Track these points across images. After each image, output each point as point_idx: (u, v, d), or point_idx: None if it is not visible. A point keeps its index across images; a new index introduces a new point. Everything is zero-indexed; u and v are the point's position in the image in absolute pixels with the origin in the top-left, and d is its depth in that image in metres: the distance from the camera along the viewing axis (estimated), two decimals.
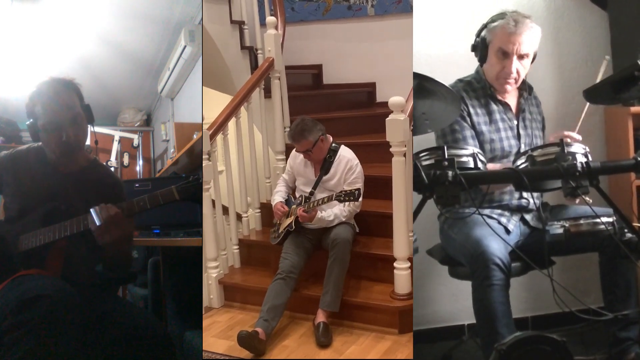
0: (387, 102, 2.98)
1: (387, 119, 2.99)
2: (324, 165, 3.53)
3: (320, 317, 3.14)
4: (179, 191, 2.16)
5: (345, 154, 3.53)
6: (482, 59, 2.61)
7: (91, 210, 2.09)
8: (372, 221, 3.73)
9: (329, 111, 5.09)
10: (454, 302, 3.20)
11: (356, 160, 3.51)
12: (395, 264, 3.15)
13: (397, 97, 2.95)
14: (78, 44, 5.22)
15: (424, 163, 2.13)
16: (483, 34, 2.57)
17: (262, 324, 3.02)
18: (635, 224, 2.24)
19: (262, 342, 2.95)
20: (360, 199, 3.24)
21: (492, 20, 2.55)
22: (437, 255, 2.72)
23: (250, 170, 4.13)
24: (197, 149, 4.19)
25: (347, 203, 3.22)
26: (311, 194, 3.54)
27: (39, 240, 2.18)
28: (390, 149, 3.02)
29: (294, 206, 3.51)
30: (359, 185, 3.38)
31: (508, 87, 2.61)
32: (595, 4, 3.20)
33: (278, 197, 3.68)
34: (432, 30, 3.13)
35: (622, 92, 2.27)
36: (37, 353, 1.79)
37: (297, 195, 3.68)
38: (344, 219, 3.43)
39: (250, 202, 4.21)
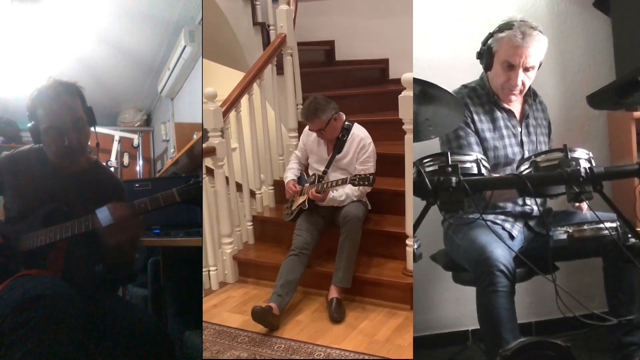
0: (400, 79, 2.93)
1: (399, 95, 2.96)
2: (337, 144, 3.54)
3: (333, 293, 3.23)
4: (180, 194, 2.16)
5: (358, 132, 3.53)
6: (487, 67, 2.60)
7: (101, 209, 2.09)
8: (384, 199, 3.75)
9: (342, 88, 5.07)
10: (458, 307, 3.19)
11: (369, 139, 3.51)
12: (407, 241, 3.20)
13: (409, 73, 2.90)
14: (78, 44, 5.23)
15: (428, 169, 2.12)
16: (489, 42, 2.55)
17: (275, 299, 3.11)
18: (639, 229, 2.23)
19: (276, 317, 3.04)
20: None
21: (500, 29, 2.52)
22: (440, 261, 2.72)
23: (263, 147, 4.17)
24: (197, 149, 4.19)
25: (361, 187, 3.23)
26: (324, 172, 3.60)
27: (40, 241, 2.18)
28: (403, 127, 3.02)
29: (307, 185, 3.57)
30: (371, 164, 3.45)
31: (512, 97, 2.61)
32: (598, 9, 3.18)
33: (290, 175, 3.73)
34: (434, 35, 3.12)
35: (625, 97, 2.26)
36: (36, 353, 1.78)
37: (310, 173, 3.73)
38: (355, 199, 3.47)
39: (264, 179, 4.26)
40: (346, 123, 3.55)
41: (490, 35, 2.55)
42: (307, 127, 3.66)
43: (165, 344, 2.16)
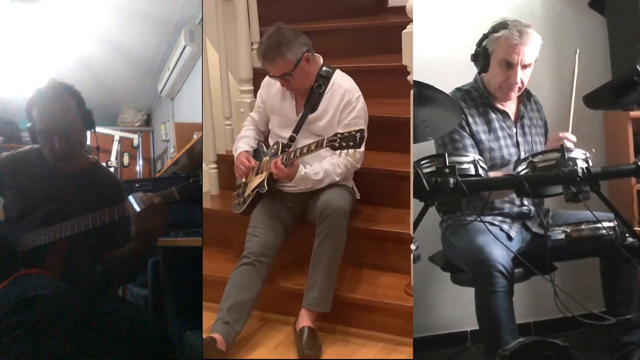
0: (403, 7, 2.30)
1: (403, 31, 2.32)
2: (311, 97, 2.63)
3: (305, 320, 2.42)
4: (180, 192, 2.18)
5: (341, 82, 2.62)
6: (484, 69, 2.60)
7: (130, 196, 2.11)
8: (378, 183, 2.86)
9: (319, 19, 3.85)
10: (456, 308, 3.17)
11: (357, 92, 2.61)
12: (412, 246, 2.27)
13: None
14: (78, 44, 5.24)
15: (425, 170, 2.13)
16: (484, 44, 2.56)
17: (221, 329, 2.33)
18: (636, 229, 2.24)
19: (222, 354, 2.27)
20: (363, 148, 2.49)
21: (494, 30, 2.53)
22: (439, 262, 2.72)
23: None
24: (197, 149, 4.19)
25: (343, 153, 2.28)
26: (291, 139, 2.66)
27: (39, 240, 2.19)
28: (408, 77, 2.35)
29: (267, 158, 2.63)
30: (361, 127, 2.40)
31: (512, 95, 2.60)
32: (593, 10, 3.19)
33: (243, 146, 2.75)
34: (429, 36, 3.10)
35: (622, 97, 2.27)
36: (34, 353, 1.79)
37: (272, 142, 2.77)
38: (337, 178, 2.57)
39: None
40: (324, 69, 2.63)
41: (485, 36, 2.56)
42: (267, 77, 2.72)
43: (165, 344, 2.16)
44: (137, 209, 2.09)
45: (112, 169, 6.53)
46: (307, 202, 2.63)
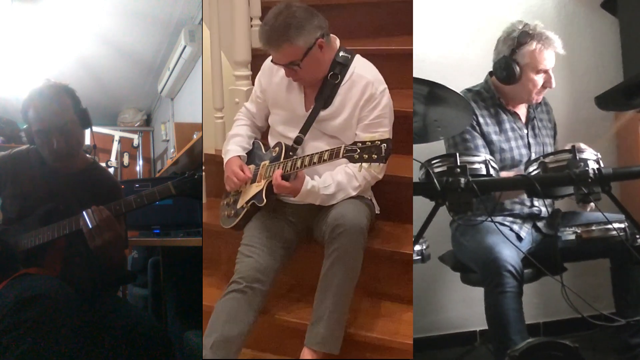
0: None
1: None
2: (324, 89, 2.16)
3: None
4: (176, 186, 2.15)
5: (362, 71, 2.16)
6: (511, 79, 2.52)
7: (84, 212, 2.09)
8: (402, 195, 2.36)
9: None
10: (465, 308, 3.16)
11: (382, 85, 2.15)
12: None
13: None
14: (78, 44, 5.23)
15: (436, 170, 2.13)
16: (515, 57, 2.51)
17: None
18: None
19: None
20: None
21: (520, 42, 2.48)
22: (449, 261, 2.71)
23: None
24: (197, 149, 4.18)
25: (365, 166, 1.83)
26: (298, 141, 2.20)
27: (38, 240, 2.18)
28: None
29: (266, 162, 2.20)
30: (385, 129, 2.11)
31: (541, 97, 2.62)
32: (605, 10, 3.19)
33: (234, 149, 2.29)
34: (438, 36, 3.09)
35: (633, 98, 2.28)
36: (34, 353, 1.78)
37: (272, 142, 2.32)
38: (353, 193, 2.12)
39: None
40: (341, 54, 2.17)
41: (513, 51, 2.51)
42: (268, 59, 2.24)
43: (165, 344, 2.15)
44: (89, 225, 2.06)
45: (112, 169, 6.53)
46: (314, 217, 2.18)
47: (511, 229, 2.51)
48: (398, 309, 2.21)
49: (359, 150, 1.81)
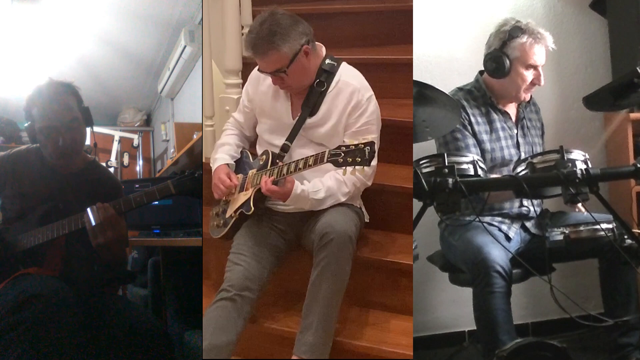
0: None
1: None
2: (310, 97, 2.18)
3: None
4: (175, 185, 2.15)
5: (348, 78, 2.18)
6: (501, 74, 2.55)
7: (88, 209, 2.09)
8: (391, 203, 2.41)
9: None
10: (454, 308, 3.17)
11: (369, 92, 2.18)
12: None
13: None
14: (78, 44, 5.23)
15: (424, 170, 2.13)
16: (505, 51, 2.53)
17: None
18: (635, 230, 2.24)
19: None
20: (375, 161, 2.10)
21: (511, 36, 2.51)
22: (437, 261, 2.72)
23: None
24: (197, 149, 4.19)
25: (349, 170, 1.84)
26: (284, 149, 2.20)
27: (37, 239, 2.18)
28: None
29: (253, 171, 2.22)
30: (374, 135, 2.14)
31: (528, 96, 2.63)
32: (594, 11, 3.20)
33: (222, 157, 2.31)
34: (430, 36, 3.09)
35: (622, 99, 2.27)
36: (34, 353, 1.78)
37: (259, 151, 2.33)
38: (343, 199, 2.14)
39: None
40: (327, 61, 2.18)
41: (504, 43, 2.53)
42: (255, 69, 2.25)
43: (165, 343, 2.15)
44: (93, 222, 2.07)
45: (112, 169, 6.52)
46: (303, 224, 2.20)
47: (500, 229, 2.52)
48: (385, 318, 2.24)
49: (342, 154, 1.82)
